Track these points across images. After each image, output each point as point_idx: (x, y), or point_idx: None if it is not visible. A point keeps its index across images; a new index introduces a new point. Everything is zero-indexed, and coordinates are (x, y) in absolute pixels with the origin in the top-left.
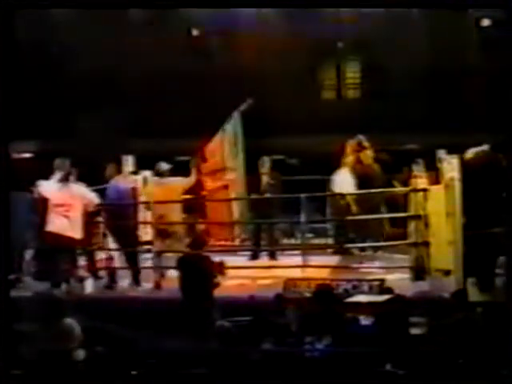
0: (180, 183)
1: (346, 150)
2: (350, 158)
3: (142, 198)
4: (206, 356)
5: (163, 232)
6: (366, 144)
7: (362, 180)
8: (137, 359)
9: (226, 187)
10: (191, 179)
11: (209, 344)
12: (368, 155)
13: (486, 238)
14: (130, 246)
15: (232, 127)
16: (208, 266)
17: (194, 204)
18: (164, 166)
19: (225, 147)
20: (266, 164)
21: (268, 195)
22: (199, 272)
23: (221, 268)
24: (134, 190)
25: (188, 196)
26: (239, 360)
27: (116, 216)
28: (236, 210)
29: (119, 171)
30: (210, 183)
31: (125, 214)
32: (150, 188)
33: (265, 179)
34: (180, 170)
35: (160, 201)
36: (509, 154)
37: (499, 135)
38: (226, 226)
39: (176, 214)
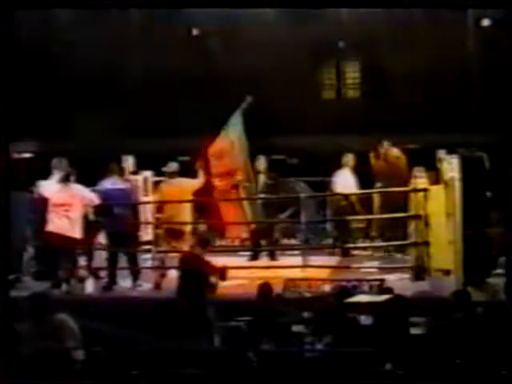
0: (189, 184)
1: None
2: (351, 158)
3: (151, 198)
4: (205, 356)
5: (172, 232)
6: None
7: (384, 177)
8: (136, 359)
9: (235, 187)
10: (199, 181)
11: (206, 344)
12: (393, 153)
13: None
14: (126, 247)
15: (235, 126)
16: (204, 268)
17: (203, 205)
18: (174, 165)
19: (234, 148)
20: (262, 163)
21: (263, 195)
22: (195, 273)
23: (222, 273)
24: (128, 190)
25: (197, 197)
26: (239, 360)
27: (109, 216)
28: (248, 209)
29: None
30: (219, 184)
31: (119, 215)
32: (160, 188)
33: (262, 179)
34: (181, 170)
35: (160, 201)
36: (509, 154)
37: (499, 135)
38: (234, 226)
39: (185, 214)
